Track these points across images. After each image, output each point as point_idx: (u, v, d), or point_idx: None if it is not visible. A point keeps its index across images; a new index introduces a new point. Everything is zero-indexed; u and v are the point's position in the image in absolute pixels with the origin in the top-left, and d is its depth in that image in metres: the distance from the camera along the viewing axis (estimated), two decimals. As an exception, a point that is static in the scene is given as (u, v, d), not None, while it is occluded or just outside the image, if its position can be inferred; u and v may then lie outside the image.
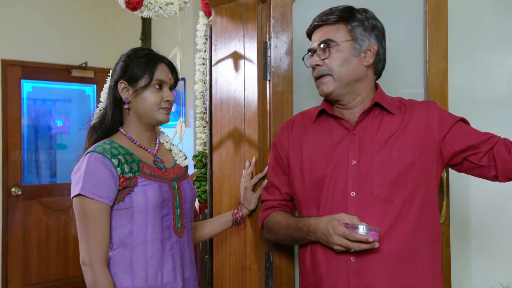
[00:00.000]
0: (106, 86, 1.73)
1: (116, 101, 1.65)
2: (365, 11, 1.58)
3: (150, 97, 1.62)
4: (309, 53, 1.61)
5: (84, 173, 1.51)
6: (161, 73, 1.64)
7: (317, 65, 1.56)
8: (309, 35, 1.65)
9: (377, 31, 1.57)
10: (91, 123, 1.71)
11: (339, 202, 1.51)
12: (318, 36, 1.59)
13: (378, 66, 1.61)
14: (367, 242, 1.39)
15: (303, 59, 1.65)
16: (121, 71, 1.64)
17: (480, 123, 1.49)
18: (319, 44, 1.56)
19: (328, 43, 1.54)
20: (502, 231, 1.44)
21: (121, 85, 1.63)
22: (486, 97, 2.13)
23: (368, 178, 1.49)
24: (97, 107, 1.78)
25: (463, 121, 1.56)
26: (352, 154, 1.53)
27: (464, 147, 1.50)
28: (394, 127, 1.53)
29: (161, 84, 1.64)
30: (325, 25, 1.58)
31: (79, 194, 1.51)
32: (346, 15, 1.56)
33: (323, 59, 1.55)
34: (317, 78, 1.58)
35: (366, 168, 1.50)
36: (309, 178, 1.59)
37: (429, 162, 1.51)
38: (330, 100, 1.63)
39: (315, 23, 1.60)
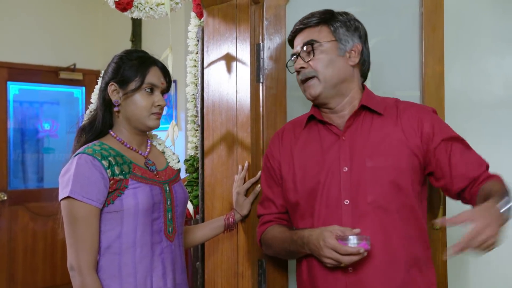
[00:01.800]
0: (97, 87, 1.70)
1: (106, 103, 1.63)
2: (346, 13, 1.59)
3: (140, 101, 1.59)
4: (293, 58, 1.59)
5: (73, 175, 1.48)
6: (153, 76, 1.61)
7: (302, 68, 1.55)
8: (291, 41, 1.63)
9: (360, 32, 1.57)
10: (81, 124, 1.67)
11: (333, 211, 1.49)
12: (300, 39, 1.58)
13: (363, 67, 1.59)
14: (358, 254, 1.36)
15: (286, 65, 1.64)
16: (112, 73, 1.62)
17: (477, 127, 1.47)
18: (302, 46, 1.55)
19: (311, 44, 1.53)
20: (501, 236, 1.42)
21: (111, 87, 1.60)
22: (483, 99, 2.12)
23: (361, 185, 1.47)
24: (88, 108, 1.74)
25: (455, 139, 1.49)
26: (344, 161, 1.50)
27: (439, 175, 1.48)
28: (385, 130, 1.50)
29: (152, 88, 1.61)
30: (307, 28, 1.57)
31: (68, 197, 1.47)
32: (328, 17, 1.56)
33: (307, 61, 1.53)
34: (303, 82, 1.57)
35: (358, 174, 1.48)
36: (302, 188, 1.56)
37: (418, 171, 1.49)
38: (318, 105, 1.61)
39: (297, 27, 1.60)
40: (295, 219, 1.61)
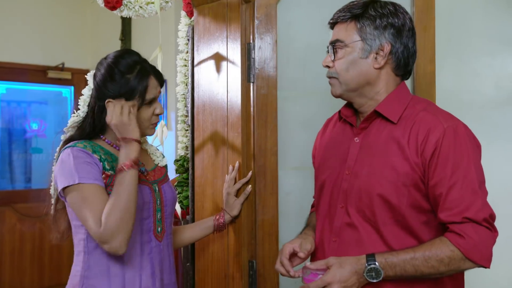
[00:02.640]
0: (85, 93, 1.64)
1: (103, 116, 1.58)
2: (383, 6, 1.44)
3: (142, 114, 1.59)
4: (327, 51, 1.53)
5: (74, 163, 1.48)
6: (152, 90, 1.59)
7: (327, 66, 1.49)
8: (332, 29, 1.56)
9: (393, 29, 1.42)
10: (69, 135, 1.63)
11: (330, 211, 1.49)
12: (332, 34, 1.50)
13: (398, 66, 1.46)
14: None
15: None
16: (106, 88, 1.56)
17: (468, 127, 1.45)
18: (331, 44, 1.48)
19: (336, 44, 1.47)
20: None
21: (110, 104, 1.56)
22: (474, 100, 2.12)
23: (353, 192, 1.43)
24: (73, 113, 1.69)
25: (452, 171, 1.33)
26: (349, 164, 1.47)
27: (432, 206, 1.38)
28: (392, 140, 1.40)
29: (151, 101, 1.61)
30: (338, 23, 1.49)
31: (78, 183, 1.46)
32: (359, 12, 1.44)
33: (333, 60, 1.47)
34: (328, 78, 1.51)
35: (354, 181, 1.44)
36: (318, 182, 1.59)
37: (421, 188, 1.37)
38: None
39: (330, 21, 1.51)
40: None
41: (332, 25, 1.51)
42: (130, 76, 1.55)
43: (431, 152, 1.34)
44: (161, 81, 1.64)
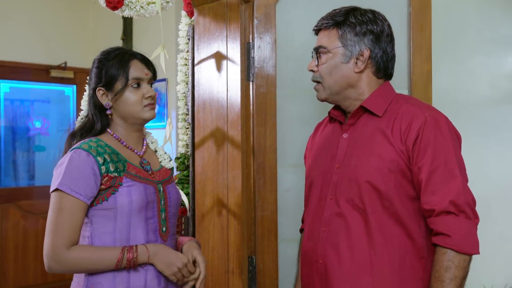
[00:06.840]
0: (86, 94, 1.70)
1: (98, 108, 1.63)
2: (363, 14, 1.53)
3: (130, 97, 1.60)
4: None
5: (65, 168, 1.49)
6: (136, 70, 1.61)
7: (312, 70, 1.56)
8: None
9: (372, 35, 1.51)
10: (72, 130, 1.66)
11: (319, 204, 1.54)
12: (317, 40, 1.57)
13: (377, 69, 1.53)
14: None
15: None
16: (96, 78, 1.62)
17: (464, 125, 1.48)
18: (315, 49, 1.56)
19: (320, 50, 1.54)
20: (485, 234, 1.43)
21: (99, 92, 1.61)
22: (469, 99, 2.13)
23: (342, 182, 1.49)
24: (78, 115, 1.73)
25: (433, 158, 1.39)
26: (338, 158, 1.53)
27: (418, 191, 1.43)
28: (378, 131, 1.47)
29: (138, 82, 1.61)
30: (321, 30, 1.57)
31: (57, 189, 1.48)
32: (340, 20, 1.52)
33: (317, 65, 1.55)
34: (314, 82, 1.58)
35: (343, 172, 1.50)
36: (308, 181, 1.63)
37: (407, 174, 1.43)
38: None
39: (314, 28, 1.59)
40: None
41: (317, 31, 1.58)
42: (113, 61, 1.60)
43: (414, 139, 1.41)
44: (149, 64, 1.65)
